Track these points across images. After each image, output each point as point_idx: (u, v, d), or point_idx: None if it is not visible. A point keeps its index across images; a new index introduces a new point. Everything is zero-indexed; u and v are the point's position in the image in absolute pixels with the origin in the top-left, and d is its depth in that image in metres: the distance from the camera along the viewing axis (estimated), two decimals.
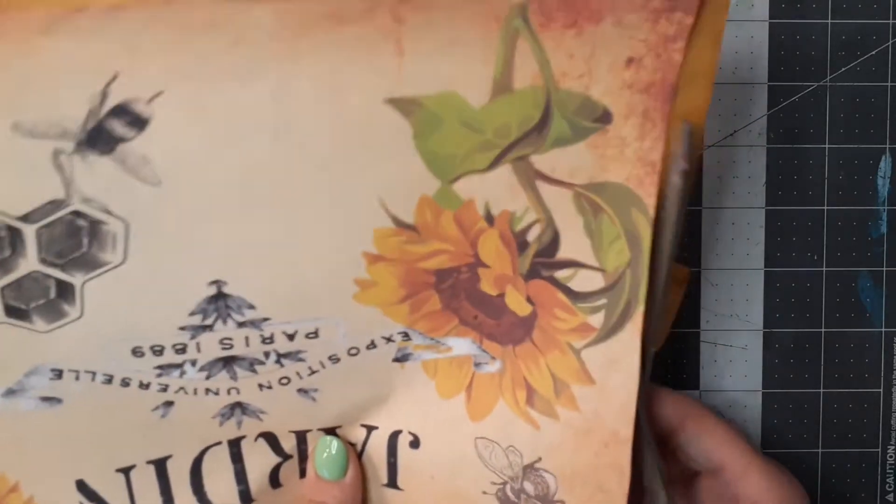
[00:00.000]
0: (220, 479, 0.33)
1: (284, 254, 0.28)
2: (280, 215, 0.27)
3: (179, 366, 0.30)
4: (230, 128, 0.26)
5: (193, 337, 0.29)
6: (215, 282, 0.28)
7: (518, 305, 0.30)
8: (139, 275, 0.28)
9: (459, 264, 0.30)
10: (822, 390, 0.38)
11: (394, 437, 0.34)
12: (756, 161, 0.37)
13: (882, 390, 0.38)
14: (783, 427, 0.38)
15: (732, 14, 0.36)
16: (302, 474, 0.34)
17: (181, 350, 0.29)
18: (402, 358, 0.32)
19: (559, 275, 0.30)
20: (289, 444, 0.34)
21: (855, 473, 0.38)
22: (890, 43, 0.37)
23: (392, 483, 0.35)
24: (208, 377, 0.30)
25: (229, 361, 0.30)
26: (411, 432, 0.34)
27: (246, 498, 0.34)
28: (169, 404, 0.31)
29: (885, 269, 0.38)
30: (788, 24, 0.36)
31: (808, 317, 0.38)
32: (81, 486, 0.32)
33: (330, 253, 0.28)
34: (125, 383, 0.30)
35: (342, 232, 0.28)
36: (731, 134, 0.37)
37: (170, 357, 0.29)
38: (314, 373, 0.31)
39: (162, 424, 0.31)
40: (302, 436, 0.34)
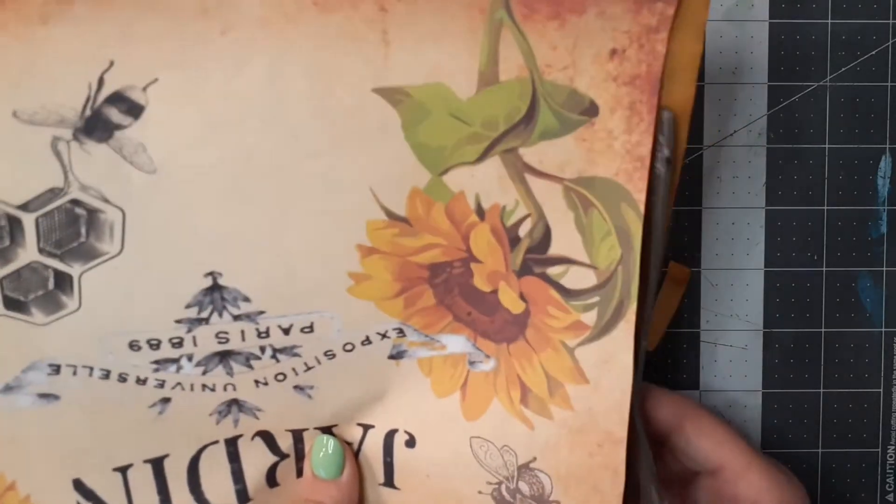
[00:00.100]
0: (217, 479, 0.33)
1: (279, 244, 0.28)
2: (274, 204, 0.28)
3: (176, 360, 0.30)
4: (222, 115, 0.26)
5: (190, 330, 0.29)
6: (210, 273, 0.28)
7: (511, 302, 0.30)
8: (135, 265, 0.28)
9: (452, 259, 0.30)
10: (822, 390, 0.38)
11: (390, 436, 0.34)
12: (756, 161, 0.37)
13: (882, 390, 0.38)
14: (783, 427, 0.38)
15: (732, 14, 0.36)
16: (299, 473, 0.34)
17: (178, 344, 0.29)
18: (397, 355, 0.32)
19: (551, 271, 0.29)
20: (285, 443, 0.34)
21: (855, 473, 0.38)
22: (890, 43, 0.36)
23: (389, 482, 0.35)
24: (205, 372, 0.30)
25: (225, 356, 0.30)
26: (407, 431, 0.33)
27: (243, 497, 0.34)
28: (166, 401, 0.31)
29: (885, 269, 0.37)
30: (788, 24, 0.36)
31: (808, 317, 0.37)
32: (78, 485, 0.32)
33: (323, 244, 0.29)
34: (122, 378, 0.30)
35: (335, 222, 0.28)
36: (731, 134, 0.37)
37: (166, 351, 0.30)
38: (310, 369, 0.31)
39: (159, 423, 0.31)
40: (298, 435, 0.34)
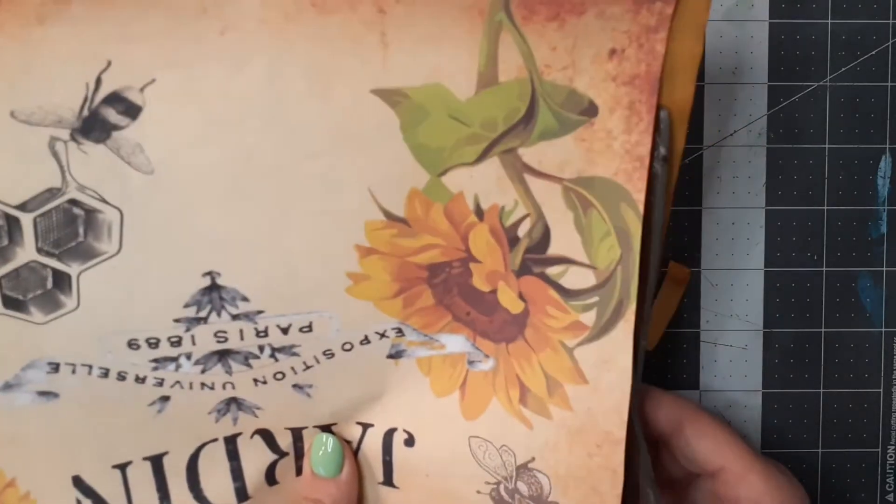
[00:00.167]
0: (217, 476, 0.33)
1: (277, 244, 0.28)
2: (272, 204, 0.28)
3: (175, 359, 0.30)
4: (221, 115, 0.26)
5: (188, 329, 0.29)
6: (209, 273, 0.28)
7: (510, 302, 0.30)
8: (134, 265, 0.28)
9: (451, 259, 0.30)
10: (822, 390, 0.38)
11: (389, 435, 0.34)
12: (756, 161, 0.37)
13: (882, 390, 0.38)
14: (783, 427, 0.38)
15: (732, 14, 0.36)
16: (298, 472, 0.34)
17: (176, 343, 0.29)
18: (396, 355, 0.32)
19: (550, 271, 0.29)
20: (285, 442, 0.34)
21: (855, 473, 0.38)
22: (890, 43, 0.36)
23: (388, 481, 0.35)
24: (203, 371, 0.30)
25: (224, 355, 0.30)
26: (406, 430, 0.33)
27: (242, 495, 0.34)
28: (165, 399, 0.31)
29: (885, 269, 0.37)
30: (788, 24, 0.36)
31: (808, 317, 0.37)
32: (78, 482, 0.32)
33: (322, 244, 0.29)
34: (121, 377, 0.30)
35: (334, 223, 0.28)
36: (731, 134, 0.37)
37: (165, 350, 0.30)
38: (308, 368, 0.31)
39: (158, 420, 0.32)
40: (298, 433, 0.34)
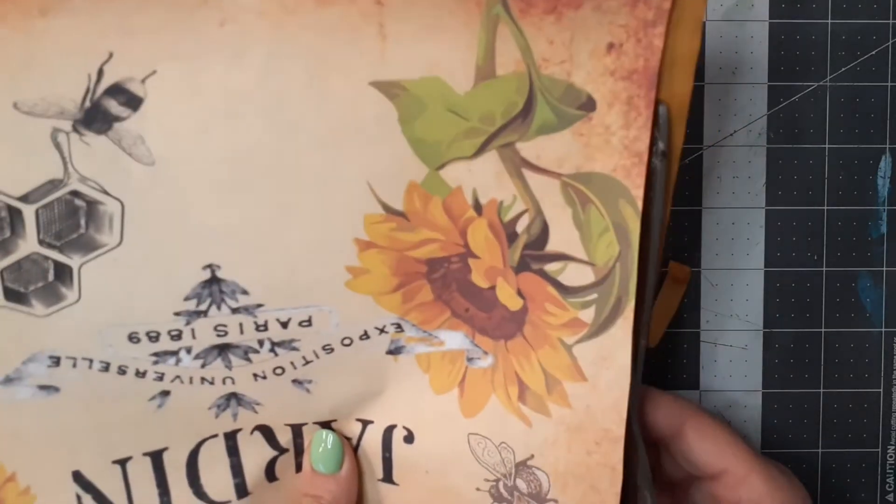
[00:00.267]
0: (217, 473, 0.33)
1: (276, 237, 0.28)
2: (271, 197, 0.28)
3: (175, 353, 0.30)
4: (221, 107, 0.26)
5: (188, 323, 0.29)
6: (209, 266, 0.28)
7: (509, 299, 0.30)
8: (134, 257, 0.28)
9: (450, 254, 0.30)
10: (822, 390, 0.38)
11: (388, 432, 0.34)
12: (756, 161, 0.37)
13: (882, 390, 0.37)
14: (783, 427, 0.38)
15: (732, 14, 0.36)
16: (298, 468, 0.34)
17: (176, 336, 0.30)
18: (396, 350, 0.32)
19: (549, 268, 0.29)
20: (285, 438, 0.34)
21: (855, 473, 0.38)
22: (890, 43, 0.36)
23: (387, 478, 0.35)
24: (203, 365, 0.31)
25: (224, 349, 0.30)
26: (405, 427, 0.34)
27: (242, 491, 0.34)
28: (165, 394, 0.31)
29: (885, 269, 0.37)
30: (788, 24, 0.36)
31: (808, 317, 0.37)
32: (78, 477, 0.32)
33: (321, 237, 0.29)
34: (122, 371, 0.30)
35: (333, 216, 0.28)
36: (731, 134, 0.37)
37: (165, 343, 0.30)
38: (308, 363, 0.31)
39: (158, 416, 0.32)
40: (298, 429, 0.34)
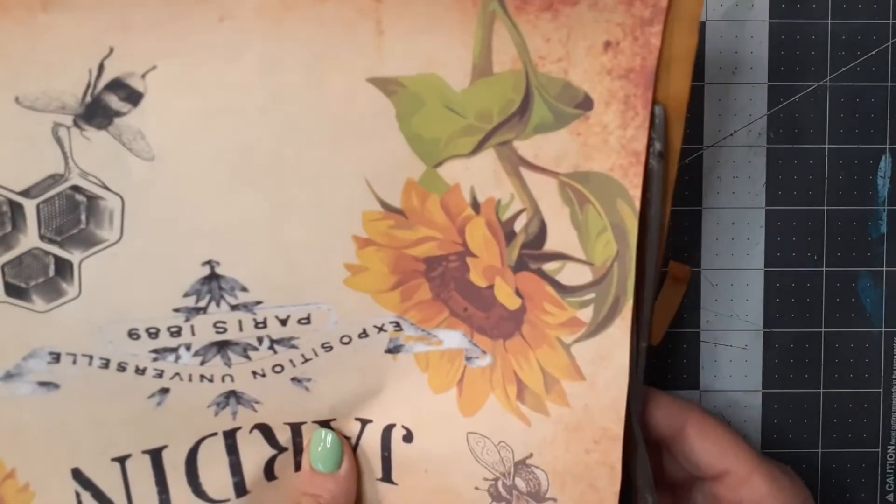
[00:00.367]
0: (216, 471, 0.33)
1: (276, 233, 0.28)
2: (270, 194, 0.28)
3: (174, 350, 0.30)
4: (220, 103, 0.27)
5: (188, 319, 0.29)
6: (208, 262, 0.29)
7: (507, 298, 0.30)
8: (134, 253, 0.28)
9: (448, 252, 0.30)
10: (822, 390, 0.37)
11: (387, 431, 0.34)
12: (756, 161, 0.37)
13: (882, 390, 0.37)
14: (783, 427, 0.38)
15: (732, 14, 0.36)
16: (297, 467, 0.34)
17: (176, 333, 0.30)
18: (394, 349, 0.32)
19: (547, 267, 0.29)
20: (284, 437, 0.34)
21: (855, 473, 0.38)
22: (890, 43, 0.36)
23: (386, 477, 0.35)
24: (203, 362, 0.31)
25: (223, 346, 0.30)
26: (404, 426, 0.33)
27: (241, 490, 0.34)
28: (164, 392, 0.31)
29: (885, 269, 0.37)
30: (788, 24, 0.36)
31: (808, 317, 0.37)
32: (77, 475, 0.32)
33: (320, 234, 0.29)
34: (121, 368, 0.30)
35: (331, 213, 0.29)
36: (731, 134, 0.37)
37: (165, 340, 0.30)
38: (307, 361, 0.31)
39: (158, 413, 0.32)
40: (297, 428, 0.34)
